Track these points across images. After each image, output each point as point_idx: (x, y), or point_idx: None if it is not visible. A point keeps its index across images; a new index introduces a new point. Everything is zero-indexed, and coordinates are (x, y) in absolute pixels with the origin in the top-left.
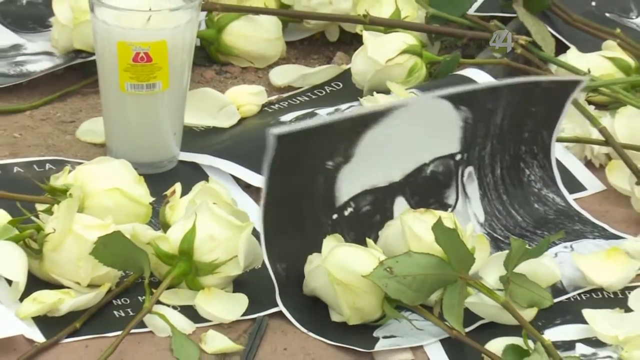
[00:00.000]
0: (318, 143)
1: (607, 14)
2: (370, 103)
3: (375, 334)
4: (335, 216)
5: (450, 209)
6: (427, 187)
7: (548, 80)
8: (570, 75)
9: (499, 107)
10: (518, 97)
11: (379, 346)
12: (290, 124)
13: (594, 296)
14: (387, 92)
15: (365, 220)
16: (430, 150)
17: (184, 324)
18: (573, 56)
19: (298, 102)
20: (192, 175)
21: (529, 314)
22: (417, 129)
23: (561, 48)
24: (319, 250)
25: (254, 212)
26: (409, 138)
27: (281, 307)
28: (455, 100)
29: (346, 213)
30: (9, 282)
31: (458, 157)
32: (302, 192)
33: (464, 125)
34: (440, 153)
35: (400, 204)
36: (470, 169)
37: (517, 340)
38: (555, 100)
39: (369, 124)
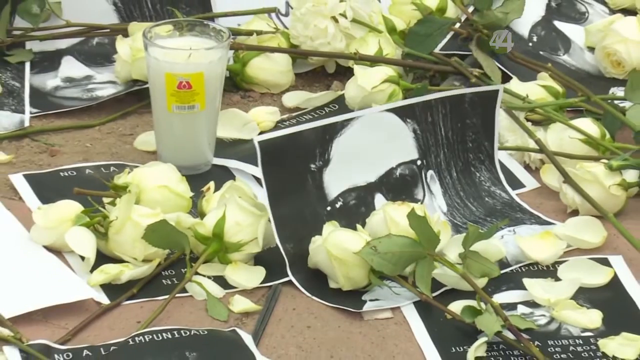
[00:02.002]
0: (294, 147)
1: (541, 52)
2: None
3: (363, 298)
4: (329, 208)
5: (419, 203)
6: (398, 186)
7: (470, 92)
8: (488, 86)
9: (439, 119)
10: (451, 111)
11: (366, 307)
12: (268, 133)
13: (532, 268)
14: None
15: (353, 211)
16: (395, 157)
17: (216, 290)
18: (515, 84)
19: (304, 119)
20: (222, 175)
21: (481, 282)
22: (377, 138)
23: (506, 78)
24: (319, 233)
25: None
26: (372, 146)
27: (291, 277)
28: (399, 113)
29: (337, 206)
30: (82, 258)
31: (419, 162)
32: (297, 190)
33: (415, 135)
34: (403, 159)
35: (379, 199)
36: (431, 172)
37: (472, 303)
38: (486, 115)
39: (334, 132)
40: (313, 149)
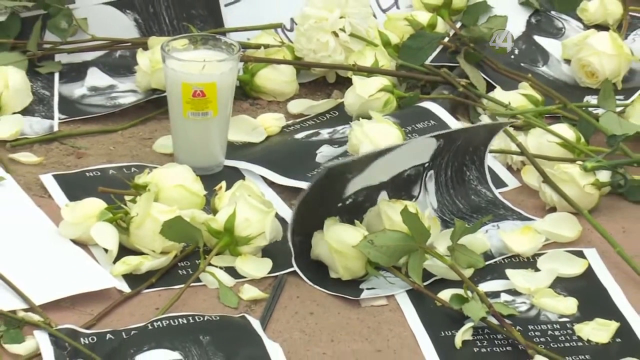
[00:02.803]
0: (347, 169)
1: (522, 64)
2: (357, 125)
3: (360, 287)
4: (340, 205)
5: (414, 199)
6: (402, 185)
7: (492, 123)
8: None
9: (461, 137)
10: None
11: (363, 295)
12: (336, 159)
13: (513, 260)
14: (369, 117)
15: (360, 207)
16: (411, 162)
17: (227, 280)
18: (498, 93)
19: (307, 125)
20: (233, 175)
21: (468, 272)
22: (409, 153)
23: (490, 87)
24: None
25: (276, 202)
26: (401, 156)
27: (295, 268)
28: (439, 136)
29: (347, 203)
30: (106, 250)
31: (426, 164)
32: (325, 194)
33: (437, 148)
34: (416, 162)
35: (382, 196)
36: (431, 172)
37: (459, 291)
38: (492, 130)
39: (382, 154)
40: (357, 167)
